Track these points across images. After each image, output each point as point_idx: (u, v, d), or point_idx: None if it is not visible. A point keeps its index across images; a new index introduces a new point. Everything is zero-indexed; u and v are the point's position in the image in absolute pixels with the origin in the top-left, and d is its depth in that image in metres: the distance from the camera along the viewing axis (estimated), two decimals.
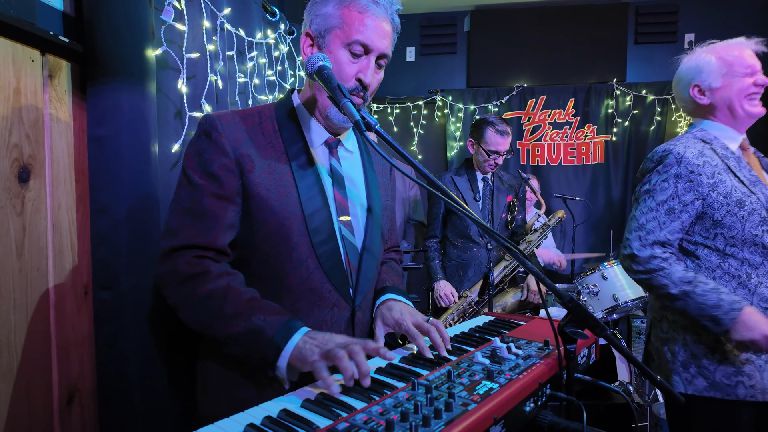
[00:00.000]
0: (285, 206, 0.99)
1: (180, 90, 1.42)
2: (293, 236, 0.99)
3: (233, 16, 1.75)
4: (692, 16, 4.12)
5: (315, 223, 1.01)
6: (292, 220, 0.99)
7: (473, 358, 0.91)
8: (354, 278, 1.07)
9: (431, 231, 2.62)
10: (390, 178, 1.28)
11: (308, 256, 1.00)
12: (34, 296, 1.12)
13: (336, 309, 1.04)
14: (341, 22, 0.99)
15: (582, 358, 1.04)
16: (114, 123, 1.19)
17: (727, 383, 1.32)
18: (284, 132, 1.05)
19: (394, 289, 1.17)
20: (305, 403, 0.75)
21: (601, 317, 2.55)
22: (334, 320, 1.04)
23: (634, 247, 1.38)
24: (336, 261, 1.03)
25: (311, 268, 1.01)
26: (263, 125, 1.05)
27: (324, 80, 0.93)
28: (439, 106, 4.34)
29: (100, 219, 1.20)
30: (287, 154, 1.03)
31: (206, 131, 1.00)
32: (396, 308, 1.08)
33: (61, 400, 1.19)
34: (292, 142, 1.05)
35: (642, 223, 1.40)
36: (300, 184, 1.01)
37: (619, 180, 4.16)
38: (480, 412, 0.68)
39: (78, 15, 1.21)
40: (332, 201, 1.06)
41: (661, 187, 1.39)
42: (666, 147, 1.43)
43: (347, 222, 1.07)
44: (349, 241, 1.07)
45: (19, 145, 1.08)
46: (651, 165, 1.44)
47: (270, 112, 1.08)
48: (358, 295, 1.07)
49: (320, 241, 1.01)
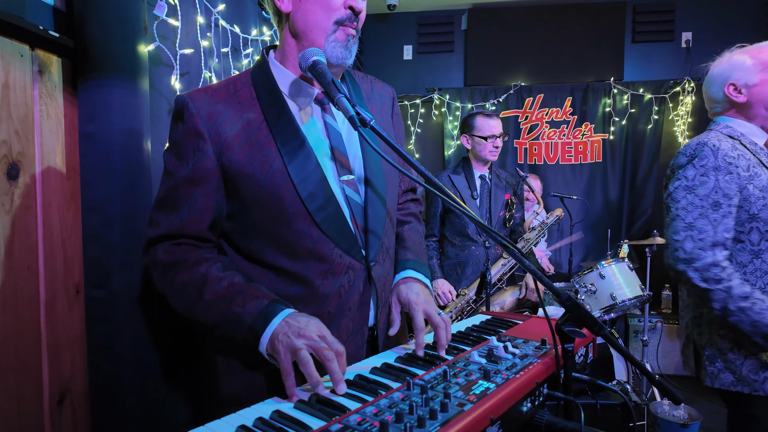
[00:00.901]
0: (272, 178, 0.94)
1: (173, 86, 1.40)
2: (288, 207, 0.95)
3: (228, 12, 1.73)
4: (689, 14, 4.11)
5: (308, 189, 0.95)
6: (283, 191, 0.94)
7: (470, 358, 0.89)
8: (363, 237, 1.02)
9: (429, 230, 2.61)
10: (393, 113, 1.19)
11: (308, 225, 0.95)
12: (25, 295, 1.10)
13: (351, 272, 0.99)
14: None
15: (579, 357, 1.02)
16: (105, 119, 1.17)
17: (754, 378, 1.30)
18: (262, 97, 0.98)
19: (415, 265, 1.12)
20: (298, 404, 0.74)
21: (598, 316, 2.54)
22: (351, 284, 1.00)
23: (689, 249, 1.30)
24: (340, 224, 0.98)
25: (315, 236, 0.96)
26: (239, 94, 0.98)
27: (318, 75, 0.91)
28: (437, 105, 4.33)
29: (92, 217, 1.19)
30: (267, 121, 0.96)
31: (178, 112, 0.96)
32: (414, 289, 1.05)
33: (52, 401, 1.17)
34: (272, 106, 0.98)
35: (690, 222, 1.32)
36: (284, 150, 0.95)
37: (616, 179, 4.15)
38: (476, 413, 0.66)
39: (68, 9, 1.19)
40: (329, 161, 1.00)
41: (700, 181, 1.34)
42: (699, 140, 1.38)
43: (350, 181, 1.01)
44: (353, 201, 1.01)
45: (7, 142, 1.06)
46: (684, 159, 1.39)
47: (246, 78, 1.01)
48: (370, 251, 1.02)
49: (318, 207, 0.95)
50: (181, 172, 0.95)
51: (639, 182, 4.10)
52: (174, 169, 0.96)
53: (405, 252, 1.16)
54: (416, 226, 1.25)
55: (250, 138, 0.95)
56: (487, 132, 2.43)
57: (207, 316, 0.92)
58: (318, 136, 1.00)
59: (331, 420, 0.67)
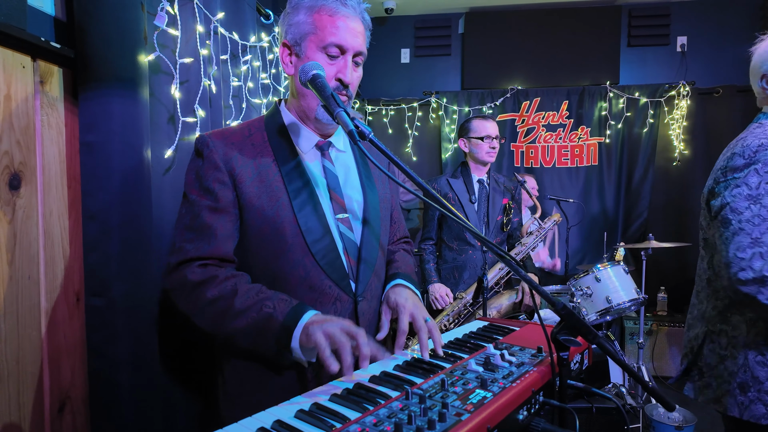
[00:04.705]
0: (277, 210, 1.04)
1: (173, 95, 1.41)
2: (288, 238, 1.04)
3: (227, 19, 1.74)
4: (684, 18, 4.15)
5: (308, 223, 1.05)
6: (285, 223, 1.04)
7: (467, 366, 0.91)
8: (354, 271, 1.10)
9: (426, 233, 2.63)
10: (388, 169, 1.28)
11: (304, 255, 1.04)
12: (25, 304, 1.11)
13: (338, 303, 1.07)
14: (314, 27, 1.04)
15: (575, 364, 1.04)
16: (105, 128, 1.18)
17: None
18: (273, 141, 1.10)
19: (405, 276, 1.20)
20: (299, 414, 0.75)
21: (594, 319, 2.56)
22: (337, 314, 1.07)
23: (757, 268, 1.14)
24: (333, 257, 1.06)
25: (308, 266, 1.05)
26: (253, 137, 1.10)
27: (318, 89, 0.94)
28: (434, 108, 4.34)
29: (92, 225, 1.20)
30: (276, 162, 1.08)
31: (198, 150, 1.07)
32: (403, 294, 1.13)
33: (52, 408, 1.18)
34: (281, 150, 1.09)
35: (757, 237, 1.15)
36: (290, 188, 1.06)
37: (612, 182, 4.18)
38: (473, 422, 0.68)
39: (69, 20, 1.20)
40: (328, 200, 1.10)
41: (766, 189, 1.17)
42: (760, 140, 1.20)
43: (345, 219, 1.11)
44: (347, 237, 1.11)
45: (9, 152, 1.07)
46: (741, 162, 1.21)
47: (260, 124, 1.14)
48: (359, 285, 1.10)
49: (314, 240, 1.05)
50: (205, 202, 1.03)
51: (635, 185, 4.13)
52: (197, 199, 1.04)
53: (395, 269, 1.23)
54: (407, 255, 1.33)
55: (261, 174, 1.06)
56: (483, 133, 2.46)
57: (238, 323, 0.97)
58: (318, 177, 1.12)
59: (331, 430, 0.68)
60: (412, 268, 1.28)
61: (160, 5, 1.33)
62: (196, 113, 1.50)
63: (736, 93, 3.89)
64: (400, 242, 1.36)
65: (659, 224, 4.07)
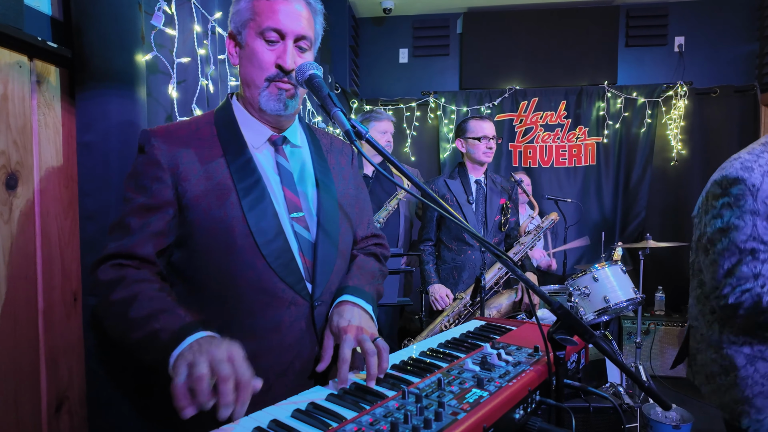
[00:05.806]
0: (225, 210, 0.97)
1: (170, 95, 1.41)
2: (237, 239, 0.97)
3: (224, 19, 1.74)
4: (682, 19, 4.16)
5: (259, 223, 0.98)
6: (234, 222, 0.97)
7: (463, 365, 0.91)
8: (311, 273, 1.03)
9: (425, 234, 2.63)
10: (352, 166, 1.24)
11: (255, 256, 0.97)
12: (23, 303, 1.11)
13: (293, 307, 1.00)
14: (252, 13, 1.00)
15: (572, 363, 1.04)
16: (102, 128, 1.18)
17: None
18: (222, 135, 1.04)
19: (353, 290, 1.07)
20: (295, 413, 0.75)
21: (592, 318, 2.57)
22: (292, 319, 1.00)
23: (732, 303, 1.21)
24: (287, 259, 0.99)
25: (260, 269, 0.97)
26: (200, 131, 1.04)
27: (315, 89, 0.93)
28: (432, 108, 4.35)
29: (89, 225, 1.19)
30: (225, 158, 1.01)
31: (140, 146, 1.01)
32: (346, 315, 1.00)
33: (49, 408, 1.18)
34: (231, 145, 1.03)
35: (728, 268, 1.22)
36: (239, 185, 0.99)
37: (610, 182, 4.19)
38: (469, 422, 0.68)
39: (66, 20, 1.20)
40: (282, 198, 1.04)
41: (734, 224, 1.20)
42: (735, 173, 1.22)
43: (300, 218, 1.05)
44: (303, 237, 1.04)
45: (6, 152, 1.07)
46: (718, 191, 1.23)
47: (209, 118, 1.08)
48: (317, 289, 1.02)
49: (266, 241, 0.98)
50: (138, 200, 0.97)
51: (632, 185, 4.15)
52: (131, 197, 0.98)
53: (346, 279, 1.12)
54: (370, 259, 1.21)
55: (207, 171, 1.00)
56: (479, 133, 2.46)
57: (130, 335, 0.87)
58: (271, 173, 1.05)
59: (327, 430, 0.68)
60: (371, 273, 1.16)
61: (158, 5, 1.33)
62: (193, 113, 1.50)
63: (733, 93, 3.90)
64: (369, 241, 1.25)
65: (657, 224, 4.09)
